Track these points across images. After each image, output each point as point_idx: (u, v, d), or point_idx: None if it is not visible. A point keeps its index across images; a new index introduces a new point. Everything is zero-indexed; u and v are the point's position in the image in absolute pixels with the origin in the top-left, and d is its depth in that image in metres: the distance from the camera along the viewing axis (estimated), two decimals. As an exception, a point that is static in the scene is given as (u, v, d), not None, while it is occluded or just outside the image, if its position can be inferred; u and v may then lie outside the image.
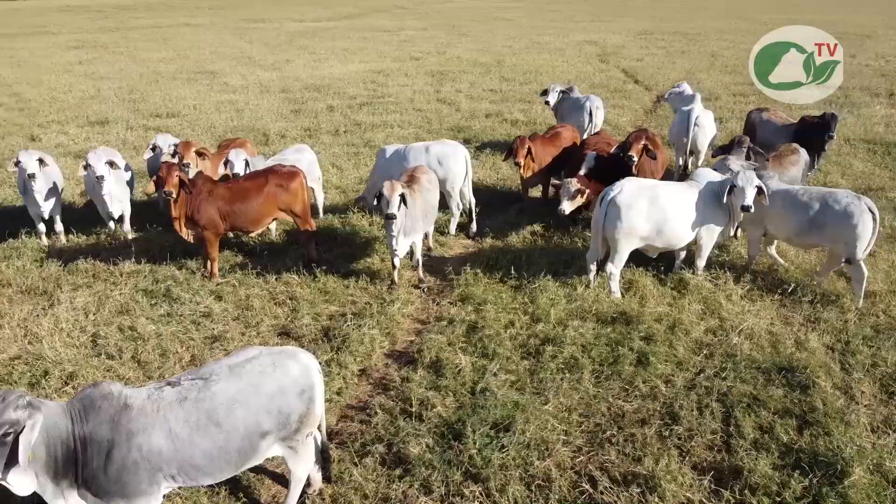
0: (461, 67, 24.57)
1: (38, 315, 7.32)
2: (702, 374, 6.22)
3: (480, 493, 4.87)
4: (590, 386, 6.08)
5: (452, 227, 9.60)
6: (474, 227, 9.63)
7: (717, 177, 7.71)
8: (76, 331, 6.98)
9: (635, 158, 8.94)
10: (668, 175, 10.21)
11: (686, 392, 5.94)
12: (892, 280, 7.83)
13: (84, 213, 10.10)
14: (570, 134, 10.50)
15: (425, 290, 8.12)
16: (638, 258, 8.01)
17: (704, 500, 4.80)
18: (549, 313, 7.12)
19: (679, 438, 5.41)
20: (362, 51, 29.82)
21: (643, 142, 9.04)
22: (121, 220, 9.37)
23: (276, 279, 8.13)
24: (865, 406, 5.76)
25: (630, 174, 8.44)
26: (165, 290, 7.82)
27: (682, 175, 10.96)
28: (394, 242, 7.68)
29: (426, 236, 9.04)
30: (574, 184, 8.65)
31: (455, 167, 9.15)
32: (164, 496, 4.13)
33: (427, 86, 20.95)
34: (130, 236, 9.35)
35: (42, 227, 9.22)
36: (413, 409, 5.78)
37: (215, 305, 7.52)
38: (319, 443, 4.94)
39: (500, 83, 21.21)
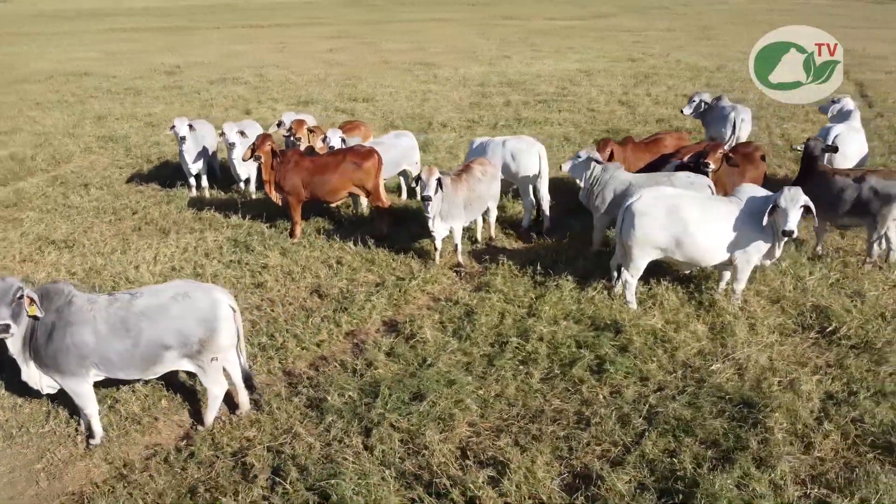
0: (672, 71, 23.77)
1: (149, 247, 9.28)
2: (658, 393, 6.09)
3: (359, 444, 5.49)
4: (535, 381, 6.29)
5: (525, 222, 9.94)
6: (546, 223, 9.87)
7: (760, 193, 7.21)
8: (165, 263, 8.77)
9: (712, 166, 8.55)
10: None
11: (625, 405, 5.88)
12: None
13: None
14: (673, 141, 10.16)
15: (463, 274, 8.66)
16: (677, 274, 7.78)
17: (546, 497, 4.91)
18: (544, 310, 7.32)
19: (575, 441, 5.48)
20: (586, 50, 30.02)
21: (722, 150, 8.63)
22: (247, 181, 11.22)
23: (337, 245, 9.26)
24: (799, 458, 5.24)
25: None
26: (247, 242, 9.35)
27: None
28: (430, 224, 8.36)
29: (487, 225, 9.54)
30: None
31: (527, 163, 9.48)
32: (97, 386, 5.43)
33: (619, 87, 20.76)
34: (253, 196, 11.16)
35: (192, 181, 11.42)
36: (358, 367, 6.52)
37: (276, 260, 8.87)
38: (240, 370, 5.91)
39: (699, 89, 20.21)
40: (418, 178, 8.21)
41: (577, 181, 8.85)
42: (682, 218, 7.07)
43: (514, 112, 17.64)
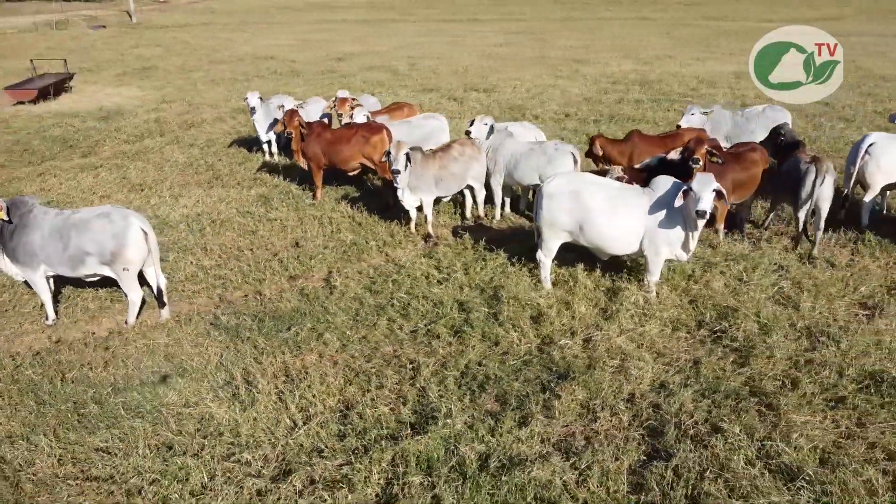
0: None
1: (194, 195, 11.23)
2: (502, 356, 6.57)
3: (216, 349, 6.72)
4: (402, 332, 7.08)
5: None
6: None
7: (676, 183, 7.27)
8: (192, 208, 10.63)
9: (701, 162, 8.56)
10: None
11: (451, 360, 6.47)
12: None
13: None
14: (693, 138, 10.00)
15: (430, 244, 9.50)
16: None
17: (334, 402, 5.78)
18: (456, 277, 8.00)
19: (383, 381, 6.24)
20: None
21: (706, 146, 8.58)
22: (269, 143, 13.13)
23: (340, 208, 10.51)
24: (550, 423, 5.56)
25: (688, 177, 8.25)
26: (272, 198, 10.94)
27: (843, 206, 9.49)
28: (399, 194, 9.32)
29: (475, 204, 10.22)
30: (616, 171, 8.80)
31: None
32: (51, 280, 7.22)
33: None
34: (271, 158, 12.95)
35: (265, 147, 13.33)
36: (268, 294, 7.76)
37: (281, 214, 10.33)
38: (157, 285, 7.39)
39: (857, 97, 18.64)
40: (388, 153, 9.15)
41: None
42: (585, 203, 7.35)
43: (616, 109, 17.61)
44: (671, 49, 29.86)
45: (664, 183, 7.31)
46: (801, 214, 8.69)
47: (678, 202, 6.92)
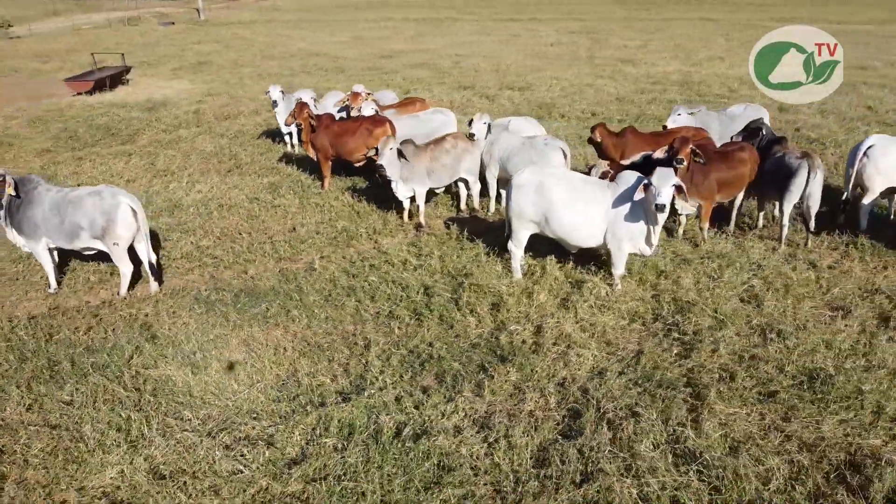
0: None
1: (211, 181, 11.90)
2: (456, 337, 6.90)
3: (190, 320, 7.26)
4: (367, 313, 7.48)
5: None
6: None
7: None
8: (206, 193, 11.29)
9: (685, 162, 8.67)
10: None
11: (400, 345, 6.84)
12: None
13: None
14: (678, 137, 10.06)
15: (422, 232, 9.86)
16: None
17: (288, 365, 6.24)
18: (430, 265, 8.35)
19: (332, 354, 6.66)
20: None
21: (690, 146, 8.68)
22: (290, 135, 13.70)
23: (342, 197, 10.99)
24: (475, 400, 5.84)
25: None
26: (281, 185, 11.52)
27: (843, 209, 9.42)
28: (392, 185, 9.72)
29: (470, 197, 10.52)
30: (602, 166, 9.02)
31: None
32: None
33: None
34: (293, 150, 13.56)
35: (287, 138, 13.94)
36: (252, 274, 8.28)
37: (293, 203, 10.87)
38: (147, 260, 7.99)
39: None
40: (376, 149, 9.55)
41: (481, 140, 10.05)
42: (549, 195, 7.58)
43: (645, 109, 17.56)
44: (727, 50, 29.32)
45: (628, 178, 7.47)
46: (787, 209, 8.70)
47: (638, 196, 7.09)
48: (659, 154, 8.85)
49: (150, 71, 26.27)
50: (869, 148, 9.18)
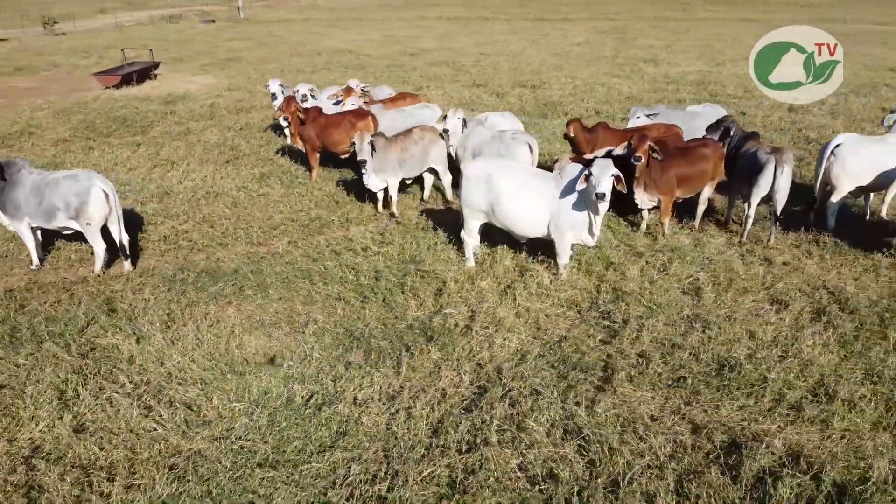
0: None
1: (206, 171, 12.46)
2: (395, 318, 7.25)
3: (149, 295, 7.75)
4: (318, 295, 7.87)
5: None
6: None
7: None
8: (198, 181, 11.84)
9: (643, 159, 8.86)
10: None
11: (338, 325, 7.21)
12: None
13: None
14: (656, 134, 10.20)
15: (394, 221, 10.21)
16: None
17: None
18: (387, 251, 8.71)
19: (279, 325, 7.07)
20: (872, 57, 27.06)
21: (648, 143, 8.86)
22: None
23: (326, 188, 11.42)
24: (392, 373, 6.16)
25: (632, 173, 8.65)
26: (274, 178, 12.00)
27: (812, 207, 9.50)
28: (365, 178, 10.11)
29: (443, 187, 10.84)
30: (565, 159, 9.26)
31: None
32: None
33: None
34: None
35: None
36: (221, 256, 8.77)
37: (279, 192, 11.34)
38: (119, 241, 8.51)
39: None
40: (353, 143, 9.93)
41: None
42: (496, 186, 7.86)
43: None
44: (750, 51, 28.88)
45: (572, 170, 7.69)
46: (755, 203, 8.80)
47: (580, 186, 7.31)
48: (618, 151, 9.04)
49: (179, 66, 27.20)
50: (837, 147, 9.22)
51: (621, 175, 7.29)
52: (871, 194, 9.91)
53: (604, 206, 7.37)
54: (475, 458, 5.02)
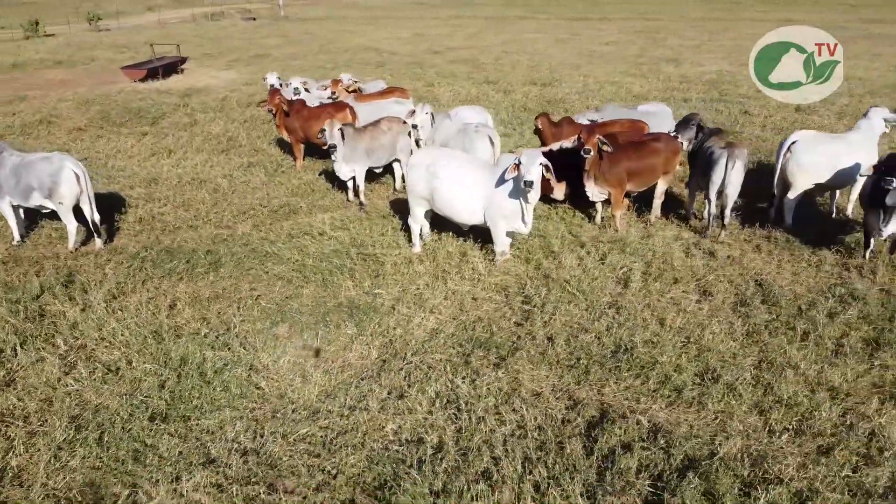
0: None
1: (199, 159, 13.11)
2: (340, 299, 7.70)
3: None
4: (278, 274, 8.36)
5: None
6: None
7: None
8: (189, 169, 12.47)
9: (592, 152, 9.11)
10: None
11: (271, 301, 7.68)
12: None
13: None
14: (623, 129, 10.35)
15: (363, 209, 10.64)
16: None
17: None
18: (351, 237, 9.16)
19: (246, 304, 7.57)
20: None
21: (597, 136, 9.10)
22: None
23: (305, 179, 11.93)
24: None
25: (581, 166, 8.98)
26: (259, 167, 12.58)
27: (770, 204, 9.63)
28: (335, 166, 10.57)
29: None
30: (521, 152, 9.60)
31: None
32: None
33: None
34: None
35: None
36: (186, 237, 9.33)
37: (260, 180, 11.90)
38: (90, 219, 9.14)
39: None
40: (322, 130, 10.39)
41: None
42: (436, 174, 8.22)
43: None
44: (782, 51, 28.49)
45: (506, 160, 8.00)
46: (713, 198, 8.94)
47: (509, 174, 7.62)
48: (567, 144, 9.30)
49: (208, 62, 28.20)
50: (792, 144, 9.28)
51: (550, 165, 7.56)
52: (837, 192, 9.93)
53: (533, 195, 7.65)
54: (350, 421, 5.40)
